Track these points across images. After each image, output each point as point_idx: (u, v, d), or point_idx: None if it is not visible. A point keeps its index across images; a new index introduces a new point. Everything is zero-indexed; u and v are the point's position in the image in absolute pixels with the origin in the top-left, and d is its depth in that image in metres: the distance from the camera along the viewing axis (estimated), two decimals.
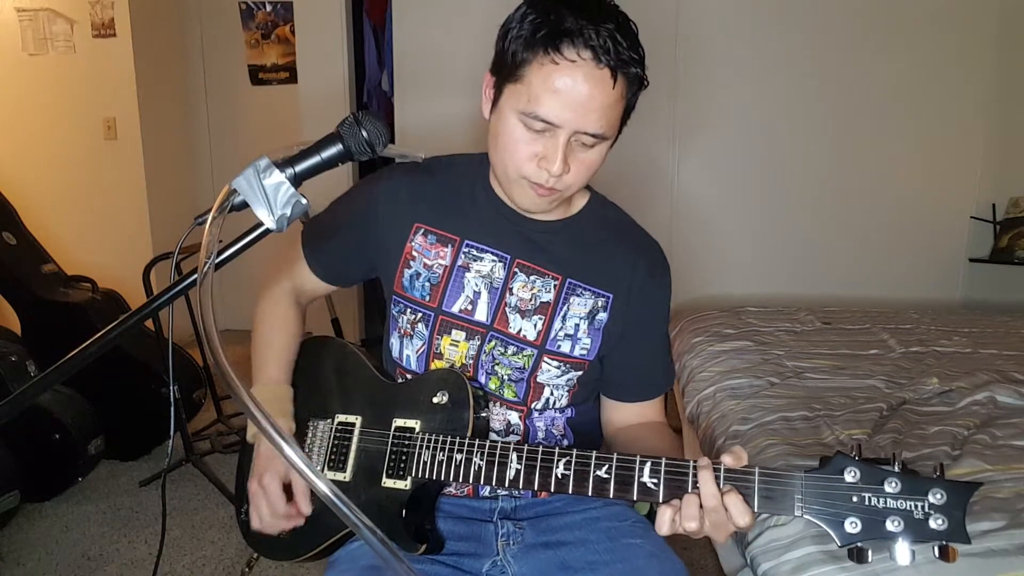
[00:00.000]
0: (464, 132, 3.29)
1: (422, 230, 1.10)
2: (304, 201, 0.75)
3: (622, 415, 1.16)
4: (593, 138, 0.94)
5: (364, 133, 0.78)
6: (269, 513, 1.01)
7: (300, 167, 0.76)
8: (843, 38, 3.42)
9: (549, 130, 0.93)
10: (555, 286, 1.07)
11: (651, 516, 1.12)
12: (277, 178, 0.73)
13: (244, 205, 0.74)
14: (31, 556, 2.18)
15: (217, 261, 0.71)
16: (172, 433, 2.44)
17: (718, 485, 0.81)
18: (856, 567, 1.20)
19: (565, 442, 1.14)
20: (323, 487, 0.60)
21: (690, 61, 3.47)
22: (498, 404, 1.10)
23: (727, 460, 0.82)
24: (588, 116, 0.91)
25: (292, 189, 0.74)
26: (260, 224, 0.74)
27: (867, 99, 3.44)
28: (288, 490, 1.02)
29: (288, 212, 0.74)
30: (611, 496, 0.86)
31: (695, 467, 0.83)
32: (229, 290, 4.13)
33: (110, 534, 2.29)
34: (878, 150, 3.49)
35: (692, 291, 3.60)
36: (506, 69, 0.95)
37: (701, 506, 0.81)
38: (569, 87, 0.90)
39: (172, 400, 1.03)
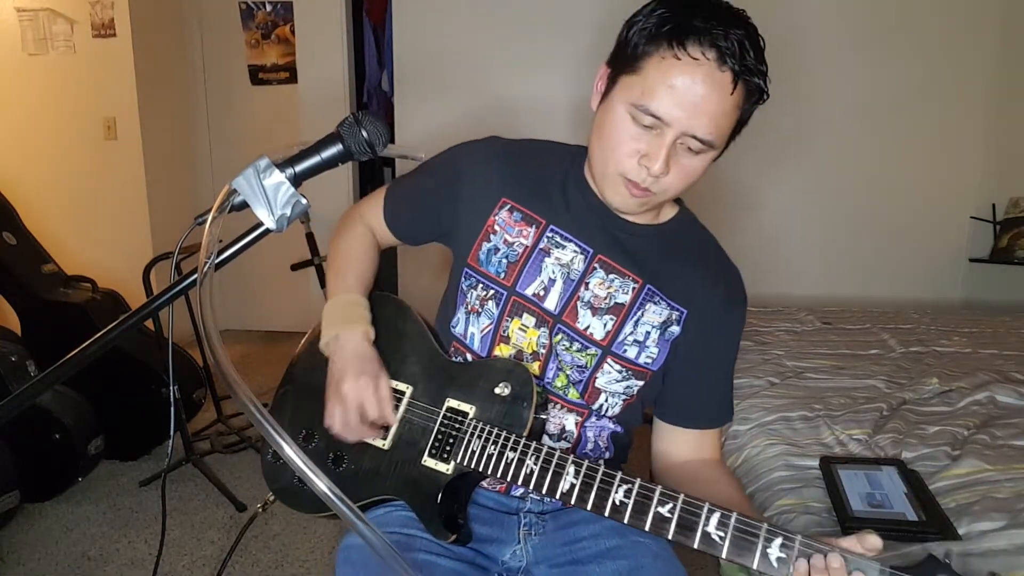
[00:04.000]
0: (464, 132, 3.29)
1: (508, 206, 1.08)
2: (304, 201, 0.75)
3: (677, 446, 1.11)
4: (700, 143, 0.91)
5: (364, 133, 0.78)
6: (356, 416, 1.00)
7: (300, 167, 0.76)
8: (843, 38, 3.42)
9: (657, 127, 0.90)
10: (634, 289, 1.05)
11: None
12: (277, 178, 0.73)
13: (244, 205, 0.74)
14: (31, 556, 2.18)
15: (217, 261, 0.71)
16: (172, 433, 2.44)
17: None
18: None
19: (608, 455, 1.13)
20: (322, 486, 0.60)
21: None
22: (559, 407, 1.08)
23: (872, 542, 0.77)
24: (700, 119, 0.89)
25: (292, 189, 0.74)
26: (260, 224, 0.74)
27: (867, 99, 3.44)
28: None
29: (288, 212, 0.74)
30: (669, 537, 0.83)
31: (768, 530, 0.79)
32: (229, 290, 4.14)
33: (110, 534, 2.29)
34: (878, 150, 3.49)
35: None
36: (624, 60, 0.93)
37: None
38: (687, 85, 0.87)
39: (172, 400, 1.03)
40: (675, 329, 1.06)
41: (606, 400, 1.08)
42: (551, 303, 1.05)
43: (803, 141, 3.52)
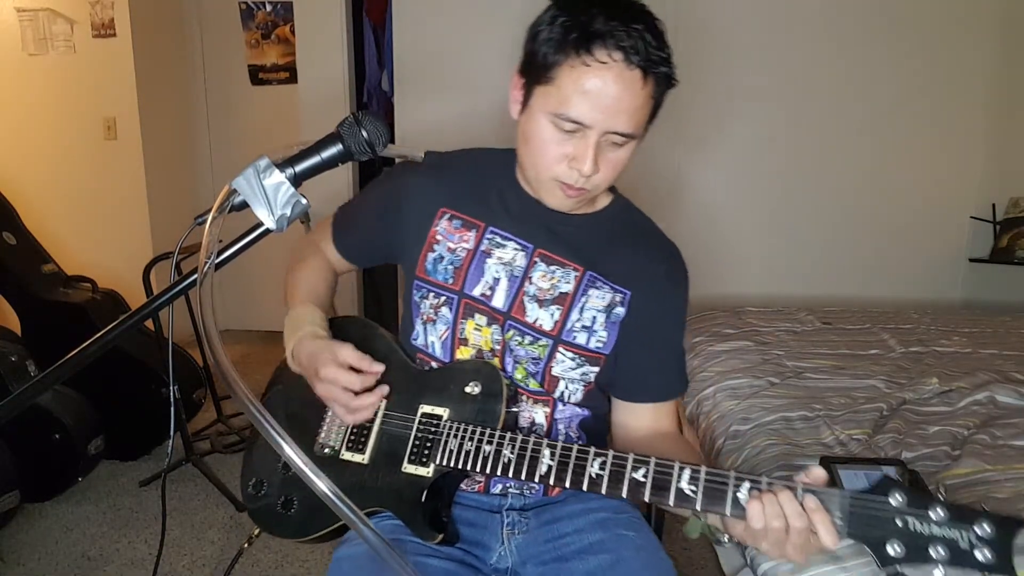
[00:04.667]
0: (464, 132, 3.29)
1: (447, 215, 1.12)
2: (304, 201, 0.75)
3: (635, 419, 1.14)
4: (623, 137, 0.95)
5: (364, 133, 0.78)
6: (348, 398, 1.00)
7: (300, 167, 0.76)
8: (844, 39, 3.41)
9: (579, 131, 0.94)
10: (575, 277, 1.08)
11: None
12: (277, 178, 0.74)
13: (244, 205, 0.74)
14: (31, 556, 2.18)
15: (217, 261, 0.71)
16: (172, 433, 2.44)
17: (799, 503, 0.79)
18: (855, 567, 1.20)
19: (580, 443, 1.14)
20: (322, 486, 0.60)
21: (692, 61, 3.46)
22: (526, 399, 1.10)
23: (817, 475, 0.81)
24: (618, 116, 0.92)
25: (292, 189, 0.74)
26: (260, 224, 0.74)
27: (867, 99, 3.44)
28: (353, 369, 1.02)
29: (288, 212, 0.74)
30: (646, 499, 0.86)
31: (736, 476, 0.83)
32: (229, 290, 4.14)
33: (110, 534, 2.29)
34: (878, 150, 3.49)
35: (692, 291, 3.59)
36: (536, 71, 0.96)
37: (787, 525, 0.79)
38: (600, 88, 0.91)
39: (172, 400, 1.04)
40: (620, 311, 1.09)
41: (566, 387, 1.10)
42: (499, 301, 1.08)
43: (803, 141, 3.52)
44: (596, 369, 1.10)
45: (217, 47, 4.15)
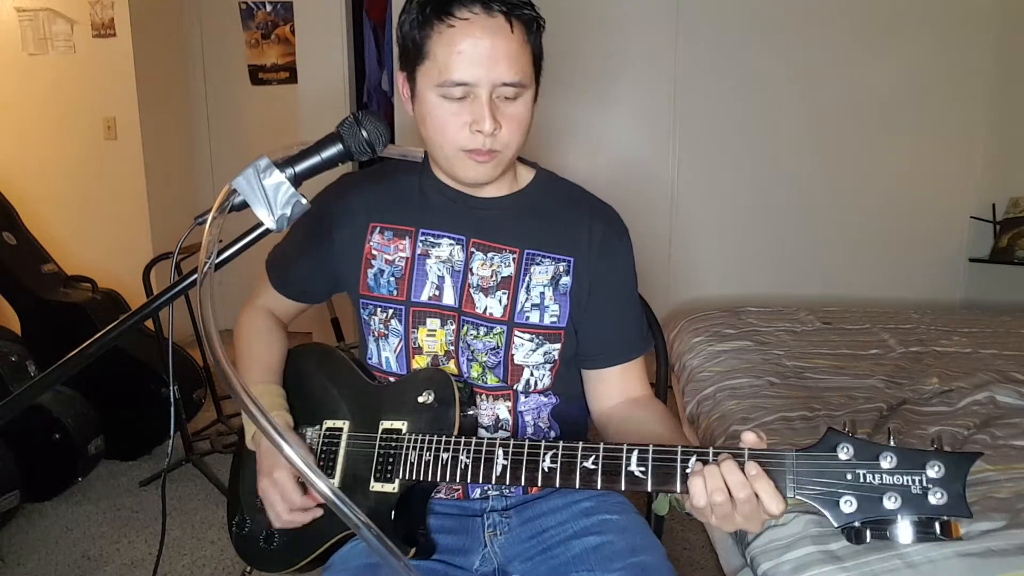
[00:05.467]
0: None
1: (378, 228, 1.11)
2: (304, 201, 0.75)
3: (605, 389, 1.14)
4: (513, 88, 0.95)
5: (364, 133, 0.78)
6: (286, 509, 1.00)
7: (300, 167, 0.76)
8: (844, 38, 3.42)
9: (469, 93, 0.94)
10: (514, 259, 1.07)
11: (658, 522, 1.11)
12: (277, 178, 0.73)
13: (244, 205, 0.74)
14: (31, 556, 2.18)
15: (217, 261, 0.71)
16: (172, 433, 2.44)
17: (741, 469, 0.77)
18: (855, 567, 1.20)
19: (552, 434, 1.14)
20: (323, 487, 0.60)
21: (690, 62, 3.47)
22: (486, 397, 1.09)
23: (750, 438, 0.79)
24: (499, 66, 0.93)
25: (292, 189, 0.74)
26: (260, 224, 0.74)
27: (868, 99, 3.44)
28: (301, 484, 1.01)
29: (288, 212, 0.74)
30: (599, 487, 0.85)
31: (683, 451, 0.81)
32: (229, 290, 4.13)
33: (110, 534, 2.29)
34: (878, 150, 3.49)
35: (692, 291, 3.60)
36: (411, 55, 0.97)
37: (730, 492, 0.77)
38: (472, 44, 0.92)
39: (172, 400, 1.03)
40: (567, 280, 1.08)
41: (531, 374, 1.09)
42: (448, 298, 1.08)
43: (803, 141, 3.52)
44: (557, 346, 1.09)
45: (217, 47, 4.16)
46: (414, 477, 0.97)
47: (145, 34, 3.66)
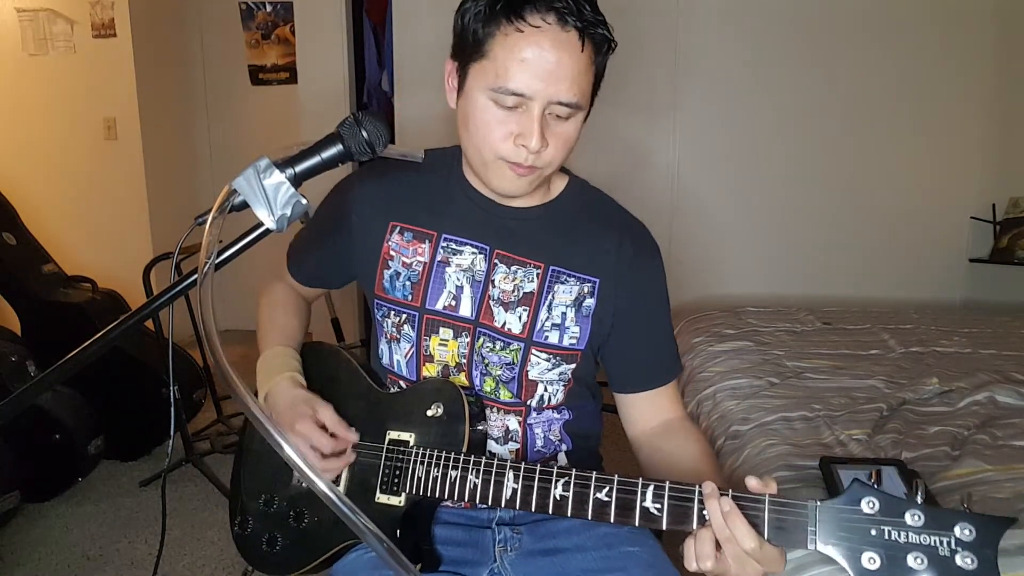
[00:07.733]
0: None
1: (398, 228, 1.07)
2: (304, 201, 0.75)
3: (639, 412, 1.10)
4: (567, 108, 0.90)
5: (364, 133, 0.78)
6: (314, 458, 0.98)
7: (300, 167, 0.76)
8: (844, 38, 3.41)
9: (522, 104, 0.89)
10: (538, 275, 1.03)
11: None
12: (277, 178, 0.73)
13: (244, 205, 0.74)
14: (31, 556, 2.17)
15: (217, 261, 0.71)
16: (172, 433, 2.43)
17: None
18: None
19: (564, 447, 1.11)
20: (324, 487, 0.60)
21: (691, 60, 3.47)
22: (497, 410, 1.07)
23: (752, 484, 0.77)
24: (560, 84, 0.88)
25: (292, 189, 0.74)
26: (260, 224, 0.73)
27: (867, 99, 3.44)
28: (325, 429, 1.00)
29: (288, 212, 0.74)
30: (611, 520, 0.82)
31: (702, 492, 0.78)
32: (229, 290, 4.13)
33: (110, 534, 2.29)
34: (878, 150, 3.49)
35: (692, 291, 3.60)
36: (468, 48, 0.91)
37: (718, 543, 0.76)
38: (537, 55, 0.86)
39: (172, 400, 1.03)
40: (590, 303, 1.04)
41: (545, 390, 1.06)
42: (465, 309, 1.04)
43: (803, 140, 3.52)
44: (572, 366, 1.06)
45: (217, 47, 4.16)
46: (421, 493, 0.95)
47: (145, 34, 3.66)
